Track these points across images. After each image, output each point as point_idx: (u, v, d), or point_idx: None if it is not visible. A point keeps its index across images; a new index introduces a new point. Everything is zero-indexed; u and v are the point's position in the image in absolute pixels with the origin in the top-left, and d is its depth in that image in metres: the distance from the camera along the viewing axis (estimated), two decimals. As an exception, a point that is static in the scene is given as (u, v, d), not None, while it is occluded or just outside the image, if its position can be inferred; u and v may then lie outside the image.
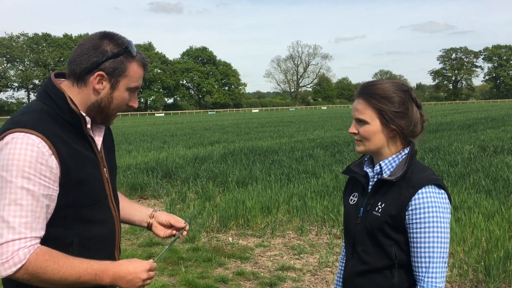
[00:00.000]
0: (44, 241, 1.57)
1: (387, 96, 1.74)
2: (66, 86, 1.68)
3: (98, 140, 1.76)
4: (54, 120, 1.61)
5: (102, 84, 1.66)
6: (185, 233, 2.00)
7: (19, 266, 1.48)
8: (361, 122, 1.78)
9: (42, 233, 1.55)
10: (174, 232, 1.99)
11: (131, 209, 2.02)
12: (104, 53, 1.63)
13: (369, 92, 1.77)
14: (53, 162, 1.55)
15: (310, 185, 8.80)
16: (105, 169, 1.77)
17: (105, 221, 1.75)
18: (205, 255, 5.74)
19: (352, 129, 1.81)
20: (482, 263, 4.79)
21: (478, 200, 7.10)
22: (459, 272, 4.84)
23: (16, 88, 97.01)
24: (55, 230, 1.60)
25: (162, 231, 1.99)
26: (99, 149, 1.75)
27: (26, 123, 1.55)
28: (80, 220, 1.65)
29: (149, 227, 2.01)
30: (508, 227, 5.76)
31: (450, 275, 4.79)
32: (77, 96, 1.67)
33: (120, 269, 1.63)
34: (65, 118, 1.63)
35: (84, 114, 1.66)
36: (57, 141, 1.57)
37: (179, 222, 1.98)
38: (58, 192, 1.58)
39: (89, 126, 1.69)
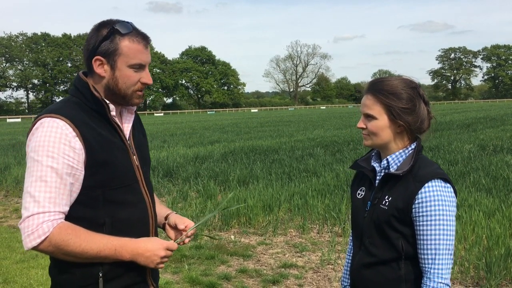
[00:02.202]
0: (78, 221, 1.66)
1: (395, 93, 1.78)
2: (88, 79, 1.81)
3: (126, 128, 1.84)
4: (81, 109, 1.73)
5: (104, 68, 1.74)
6: (187, 240, 1.91)
7: (43, 238, 1.57)
8: (370, 117, 1.82)
9: (66, 209, 1.64)
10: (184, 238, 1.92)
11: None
12: (97, 38, 1.73)
13: (378, 88, 1.81)
14: (77, 143, 1.65)
15: (311, 184, 8.83)
16: (134, 157, 1.83)
17: (136, 204, 1.80)
18: (208, 253, 5.77)
19: (361, 124, 1.85)
20: (483, 260, 4.82)
21: (479, 198, 7.13)
22: (460, 270, 4.88)
23: (15, 88, 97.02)
24: (87, 211, 1.69)
25: (173, 235, 1.96)
26: (127, 137, 1.82)
27: (53, 110, 1.70)
28: (111, 202, 1.72)
29: (164, 228, 2.03)
30: (508, 225, 5.79)
31: (452, 272, 4.82)
32: (94, 84, 1.78)
33: (139, 246, 1.69)
34: (91, 106, 1.74)
35: (107, 101, 1.75)
36: (81, 125, 1.67)
37: (180, 224, 1.92)
38: (83, 172, 1.67)
39: (113, 113, 1.77)
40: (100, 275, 1.70)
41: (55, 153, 1.61)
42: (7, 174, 11.80)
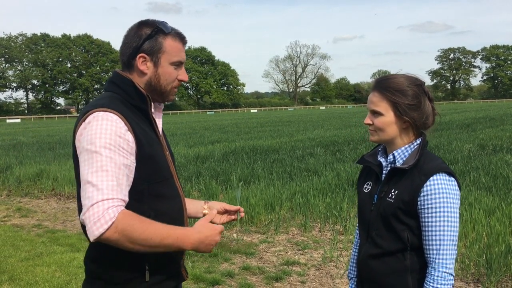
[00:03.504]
0: None
1: (401, 90, 1.84)
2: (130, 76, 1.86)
3: (159, 125, 1.91)
4: (123, 104, 1.77)
5: (146, 65, 1.81)
6: (242, 214, 2.13)
7: (110, 223, 1.56)
8: (376, 113, 1.89)
9: (126, 198, 1.67)
10: (232, 217, 2.13)
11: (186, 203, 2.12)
12: (140, 36, 1.80)
13: (384, 85, 1.87)
14: (129, 137, 1.70)
15: (312, 183, 8.89)
16: (167, 152, 1.90)
17: (174, 197, 1.87)
18: (211, 251, 5.82)
19: (367, 120, 1.91)
20: (484, 257, 4.87)
21: (479, 196, 7.18)
22: (461, 266, 4.94)
23: (14, 88, 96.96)
24: (133, 204, 1.72)
25: (218, 218, 2.11)
26: (160, 133, 1.89)
27: (104, 104, 1.73)
28: (154, 195, 1.78)
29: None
30: (508, 223, 5.84)
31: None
32: (133, 80, 1.82)
33: (199, 235, 1.73)
34: (132, 102, 1.79)
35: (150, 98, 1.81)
36: (130, 119, 1.73)
37: (232, 206, 2.11)
38: (135, 164, 1.71)
39: (153, 109, 1.84)
40: (147, 267, 1.76)
41: (112, 145, 1.64)
42: (9, 174, 11.86)
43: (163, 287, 1.84)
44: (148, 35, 1.79)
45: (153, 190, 1.77)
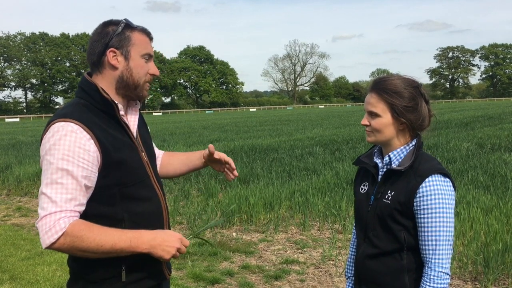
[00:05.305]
0: (99, 219, 1.74)
1: (398, 92, 1.87)
2: (94, 78, 1.88)
3: (133, 126, 1.92)
4: (90, 111, 1.79)
5: (117, 59, 1.83)
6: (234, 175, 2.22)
7: (60, 233, 1.63)
8: (373, 114, 1.92)
9: (81, 208, 1.72)
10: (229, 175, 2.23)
11: (189, 158, 2.27)
12: (108, 33, 1.83)
13: (382, 87, 1.90)
14: (91, 146, 1.72)
15: (311, 182, 8.92)
16: (143, 153, 1.92)
17: (150, 198, 1.89)
18: (211, 250, 5.86)
19: (364, 121, 1.94)
20: (481, 256, 4.91)
21: (477, 195, 7.23)
22: (459, 265, 4.97)
23: (13, 88, 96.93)
24: (106, 208, 1.77)
25: (217, 166, 2.23)
26: (134, 135, 1.90)
27: (66, 114, 1.76)
28: (127, 198, 1.80)
29: (206, 164, 2.24)
30: (506, 221, 5.88)
31: (450, 267, 4.91)
32: (103, 81, 1.85)
33: (155, 237, 1.76)
34: (100, 108, 1.81)
35: (116, 102, 1.83)
36: (94, 127, 1.74)
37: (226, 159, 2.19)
38: (96, 174, 1.74)
39: (122, 112, 1.85)
40: (123, 267, 1.78)
41: (71, 157, 1.67)
42: (9, 173, 11.88)
43: (141, 286, 1.86)
44: (115, 31, 1.83)
45: (125, 193, 1.80)
